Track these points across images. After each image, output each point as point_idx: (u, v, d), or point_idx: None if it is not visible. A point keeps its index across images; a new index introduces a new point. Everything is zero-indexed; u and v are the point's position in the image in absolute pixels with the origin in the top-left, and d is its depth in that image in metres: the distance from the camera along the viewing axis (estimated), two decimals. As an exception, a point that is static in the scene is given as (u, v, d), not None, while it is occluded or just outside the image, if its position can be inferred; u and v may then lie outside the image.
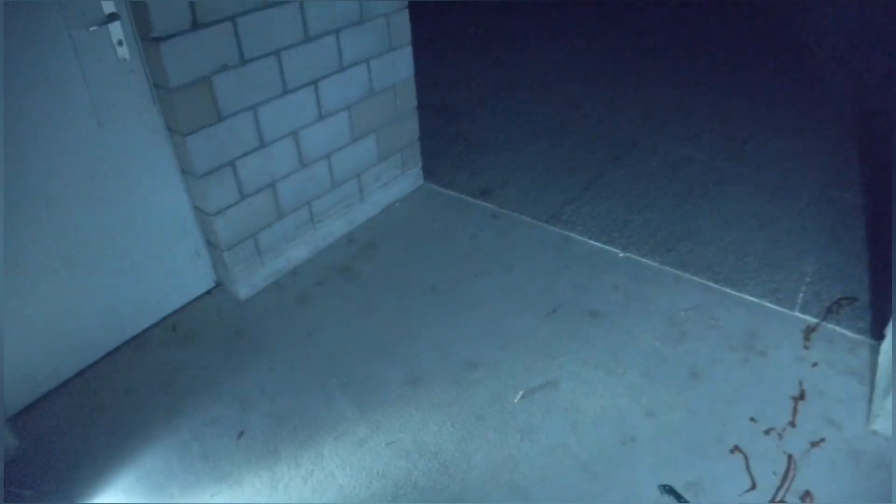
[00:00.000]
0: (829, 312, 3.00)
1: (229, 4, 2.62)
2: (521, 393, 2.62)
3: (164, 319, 3.14)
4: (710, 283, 3.16)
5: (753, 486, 2.35)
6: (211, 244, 3.12)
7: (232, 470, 2.44)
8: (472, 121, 4.87)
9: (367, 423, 2.53)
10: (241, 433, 2.56)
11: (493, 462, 2.37)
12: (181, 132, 2.68)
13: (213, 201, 2.90)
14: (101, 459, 2.55)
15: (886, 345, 2.66)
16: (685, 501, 2.25)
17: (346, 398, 2.64)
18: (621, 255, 3.37)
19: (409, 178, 3.93)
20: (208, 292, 3.27)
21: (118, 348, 3.02)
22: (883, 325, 2.80)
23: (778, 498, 2.32)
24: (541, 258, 3.37)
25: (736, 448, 2.47)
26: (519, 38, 6.59)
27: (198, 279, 3.23)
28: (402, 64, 3.54)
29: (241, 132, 2.87)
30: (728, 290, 3.14)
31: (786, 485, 2.36)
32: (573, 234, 3.52)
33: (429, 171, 4.09)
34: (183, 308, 3.19)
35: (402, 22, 3.44)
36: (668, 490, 2.29)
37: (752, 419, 2.57)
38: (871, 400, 2.65)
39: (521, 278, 3.23)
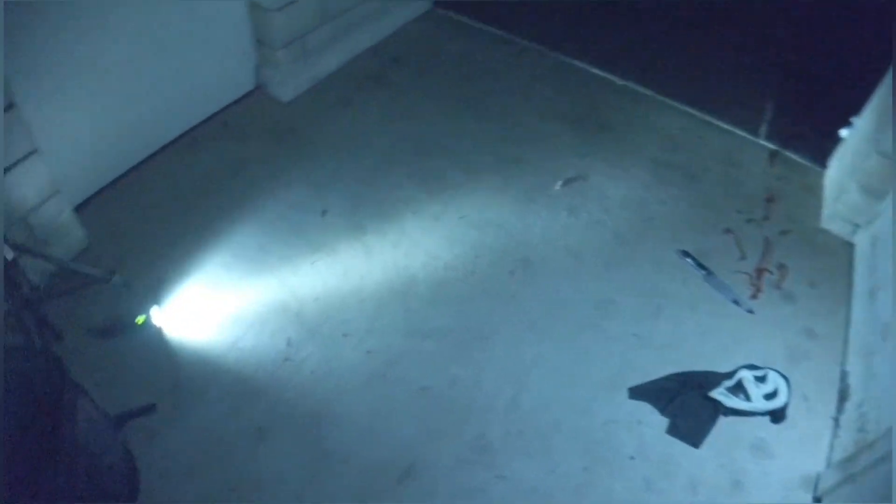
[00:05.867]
0: (786, 144, 3.63)
1: None
2: (560, 182, 3.11)
3: (213, 117, 3.33)
4: (695, 112, 3.71)
5: (744, 256, 3.01)
6: (261, 43, 3.28)
7: (324, 241, 2.81)
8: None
9: (437, 202, 2.94)
10: (325, 212, 2.91)
11: (548, 231, 2.89)
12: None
13: (274, -3, 3.04)
14: (182, 242, 2.80)
15: (831, 171, 3.35)
16: (701, 265, 2.87)
17: (413, 184, 3.02)
18: (619, 82, 3.84)
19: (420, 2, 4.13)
20: (250, 93, 3.46)
21: (171, 143, 3.19)
22: (826, 158, 3.48)
23: (762, 266, 2.99)
24: (552, 81, 3.77)
25: (728, 230, 3.10)
26: None
27: (243, 79, 3.40)
28: None
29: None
30: (709, 118, 3.70)
31: (766, 257, 3.03)
32: (577, 62, 3.93)
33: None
34: (229, 107, 3.38)
35: None
36: (687, 254, 2.90)
37: (738, 211, 3.20)
38: (822, 207, 3.35)
39: (539, 95, 3.64)
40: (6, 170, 2.34)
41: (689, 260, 2.90)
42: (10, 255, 2.06)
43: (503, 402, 2.38)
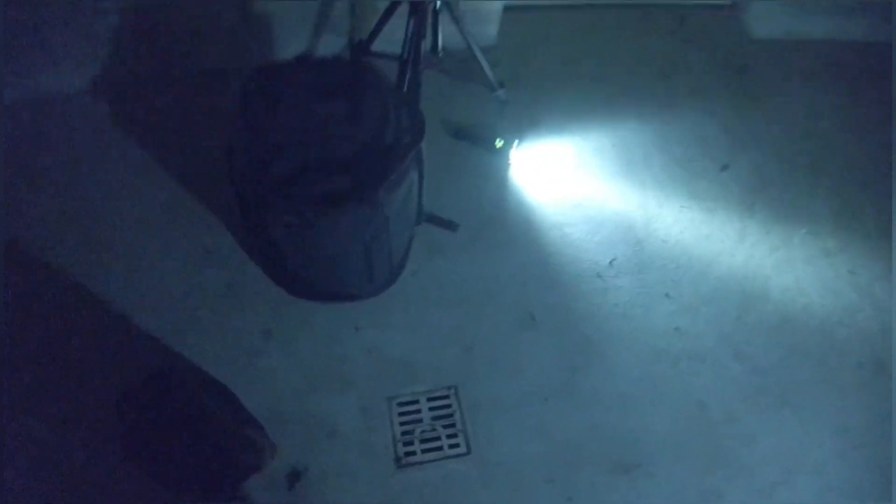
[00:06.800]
0: None
1: None
2: None
3: (674, 7, 3.01)
4: None
5: None
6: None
7: (706, 194, 2.49)
8: None
9: (837, 239, 2.45)
10: (726, 167, 2.56)
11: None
12: None
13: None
14: (577, 101, 2.67)
15: None
16: None
17: (826, 201, 2.53)
18: None
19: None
20: (721, 7, 3.07)
21: (624, 6, 2.97)
22: None
23: None
24: None
25: None
26: None
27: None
28: None
29: None
30: None
31: None
32: None
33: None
34: (694, 8, 3.03)
35: None
36: None
37: None
38: None
39: None
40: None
41: None
42: (438, 3, 2.07)
43: (759, 480, 2.01)
